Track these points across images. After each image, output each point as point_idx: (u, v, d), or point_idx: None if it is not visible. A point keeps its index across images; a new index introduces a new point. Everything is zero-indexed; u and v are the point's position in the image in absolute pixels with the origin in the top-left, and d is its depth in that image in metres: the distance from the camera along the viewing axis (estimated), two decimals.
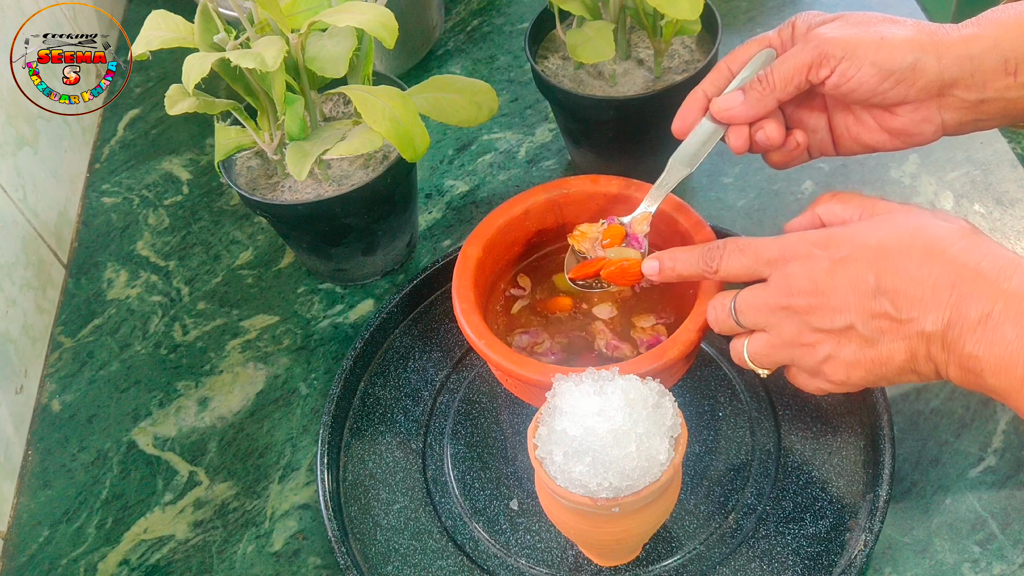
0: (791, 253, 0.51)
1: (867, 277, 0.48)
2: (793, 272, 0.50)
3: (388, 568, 0.61)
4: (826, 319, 0.50)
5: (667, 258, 0.57)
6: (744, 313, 0.53)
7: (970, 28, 0.54)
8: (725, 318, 0.54)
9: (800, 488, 0.61)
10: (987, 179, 0.77)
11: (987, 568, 0.57)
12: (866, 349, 0.49)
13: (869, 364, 0.50)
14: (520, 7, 1.01)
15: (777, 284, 0.51)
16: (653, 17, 0.70)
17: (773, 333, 0.52)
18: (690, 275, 0.57)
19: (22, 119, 0.83)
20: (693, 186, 0.80)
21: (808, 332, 0.51)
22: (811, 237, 0.51)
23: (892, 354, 0.49)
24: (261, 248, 0.83)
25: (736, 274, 0.54)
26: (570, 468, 0.48)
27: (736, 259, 0.54)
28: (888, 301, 0.48)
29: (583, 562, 0.60)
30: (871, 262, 0.48)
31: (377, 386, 0.70)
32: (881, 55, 0.54)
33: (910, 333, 0.47)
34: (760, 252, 0.53)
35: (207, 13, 0.63)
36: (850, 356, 0.50)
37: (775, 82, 0.56)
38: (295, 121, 0.66)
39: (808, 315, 0.50)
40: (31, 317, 0.78)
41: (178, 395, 0.74)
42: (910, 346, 0.48)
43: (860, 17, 0.56)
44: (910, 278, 0.47)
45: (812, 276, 0.50)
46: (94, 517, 0.68)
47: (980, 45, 0.53)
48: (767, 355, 0.53)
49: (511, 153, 0.87)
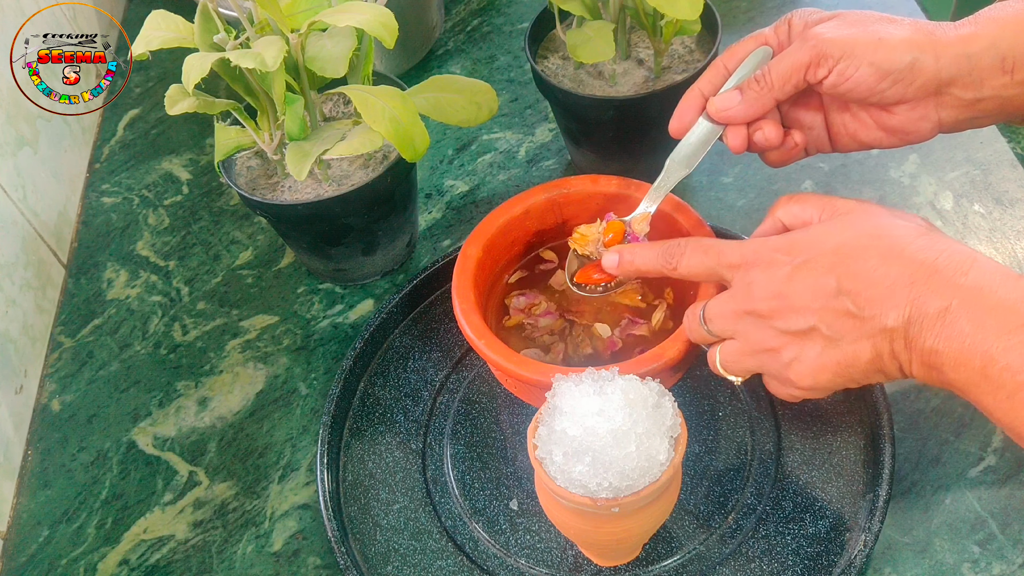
0: (753, 259, 0.52)
1: (828, 279, 0.49)
2: (755, 278, 0.51)
3: (388, 568, 0.61)
4: (789, 321, 0.50)
5: (627, 252, 0.58)
6: (712, 321, 0.54)
7: (967, 27, 0.54)
8: (696, 327, 0.55)
9: (800, 488, 0.61)
10: (987, 179, 0.77)
11: (987, 568, 0.57)
12: (830, 350, 0.50)
13: (835, 366, 0.50)
14: (520, 7, 1.01)
15: (740, 290, 0.52)
16: (653, 17, 0.70)
17: (740, 339, 0.53)
18: (648, 271, 0.57)
19: (22, 119, 0.83)
20: (693, 186, 0.80)
21: (772, 336, 0.51)
22: (772, 243, 0.51)
23: (857, 353, 0.49)
24: (261, 248, 0.84)
25: (695, 273, 0.54)
26: (570, 468, 0.48)
27: (697, 258, 0.54)
28: (850, 300, 0.48)
29: (583, 562, 0.60)
30: (831, 266, 0.49)
31: (377, 386, 0.70)
32: (879, 55, 0.54)
33: (873, 330, 0.48)
34: (723, 255, 0.53)
35: (207, 13, 0.63)
36: (815, 358, 0.50)
37: (772, 82, 0.57)
38: (295, 121, 0.66)
39: (771, 319, 0.51)
40: (31, 317, 0.78)
41: (178, 395, 0.74)
42: (874, 344, 0.48)
43: (857, 16, 0.56)
44: (870, 279, 0.48)
45: (773, 281, 0.50)
46: (94, 517, 0.68)
47: (978, 44, 0.53)
48: (736, 362, 0.54)
49: (511, 153, 0.87)
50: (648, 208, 0.61)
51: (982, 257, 0.47)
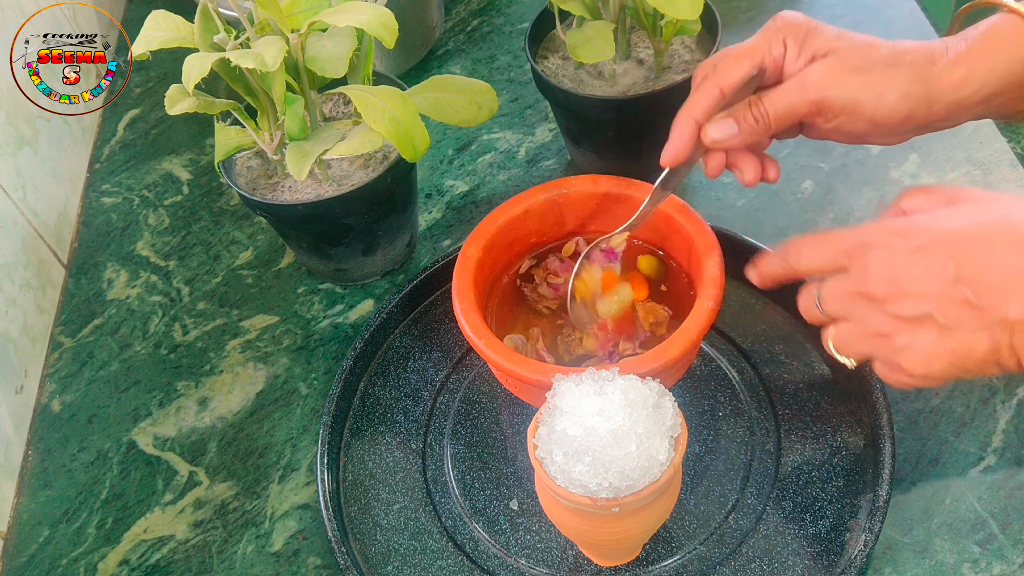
0: (869, 241, 0.50)
1: (947, 265, 0.47)
2: (871, 261, 0.49)
3: (388, 568, 0.61)
4: (903, 306, 0.48)
5: (751, 265, 0.58)
6: (826, 301, 0.52)
7: (959, 70, 0.54)
8: (811, 306, 0.54)
9: (800, 488, 0.61)
10: (987, 179, 0.77)
11: (987, 568, 0.57)
12: (945, 339, 0.48)
13: (949, 355, 0.48)
14: (520, 7, 1.01)
15: (856, 273, 0.50)
16: (653, 17, 0.70)
17: (854, 322, 0.52)
18: (776, 275, 0.56)
19: (22, 119, 0.83)
20: (693, 186, 0.80)
21: (886, 321, 0.49)
22: (889, 226, 0.50)
23: (973, 344, 0.47)
24: (261, 248, 0.84)
25: (815, 267, 0.53)
26: (570, 468, 0.48)
27: (814, 253, 0.53)
28: (969, 289, 0.46)
29: (583, 562, 0.60)
30: (951, 250, 0.47)
31: (377, 386, 0.70)
32: (879, 113, 0.55)
33: (992, 321, 0.46)
34: (838, 243, 0.52)
35: (207, 13, 0.63)
36: (928, 346, 0.48)
37: (771, 121, 0.57)
38: (295, 121, 0.66)
39: (886, 303, 0.49)
40: (31, 317, 0.78)
41: (178, 395, 0.74)
42: (992, 335, 0.46)
43: (855, 56, 0.55)
44: (993, 267, 0.46)
45: (890, 264, 0.49)
46: (94, 517, 0.68)
47: (968, 88, 0.54)
48: (849, 344, 0.53)
49: (511, 153, 0.87)
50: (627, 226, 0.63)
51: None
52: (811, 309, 0.54)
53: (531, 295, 0.67)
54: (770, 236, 0.75)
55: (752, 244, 0.69)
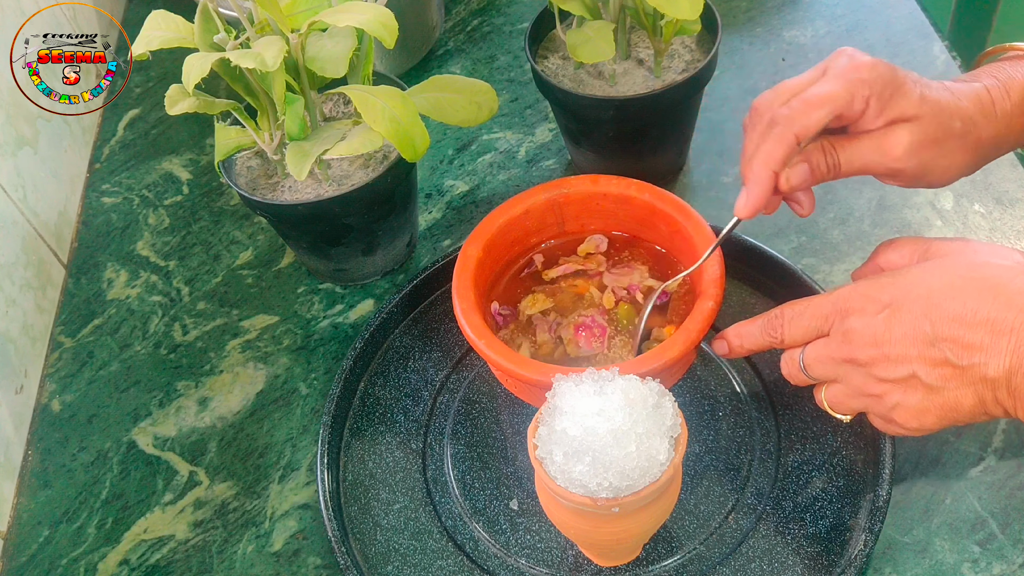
0: (846, 306, 0.51)
1: (923, 326, 0.48)
2: (851, 326, 0.51)
3: (388, 568, 0.61)
4: (888, 370, 0.50)
5: (733, 337, 0.58)
6: (812, 367, 0.54)
7: (1013, 137, 0.57)
8: (797, 373, 0.55)
9: (800, 488, 0.61)
10: (987, 179, 0.77)
11: (987, 568, 0.57)
12: (932, 396, 0.49)
13: (938, 410, 0.49)
14: (520, 7, 1.01)
15: (837, 338, 0.52)
16: (653, 17, 0.70)
17: (844, 383, 0.53)
18: (758, 347, 0.57)
19: (22, 119, 0.83)
20: (693, 186, 0.80)
21: (874, 383, 0.51)
22: (863, 288, 0.51)
23: (960, 400, 0.48)
24: (261, 248, 0.84)
25: (800, 338, 0.54)
26: (570, 468, 0.48)
27: (797, 324, 0.54)
28: (947, 348, 0.47)
29: (583, 562, 0.60)
30: (925, 310, 0.48)
31: (377, 386, 0.70)
32: (944, 179, 0.57)
33: (974, 379, 0.47)
34: (817, 311, 0.53)
35: (207, 13, 0.63)
36: (918, 404, 0.50)
37: (843, 172, 0.56)
38: (295, 121, 0.66)
39: (871, 367, 0.50)
40: (31, 317, 0.78)
41: (178, 395, 0.74)
42: (976, 391, 0.48)
43: (936, 130, 0.55)
44: (966, 324, 0.47)
45: (869, 328, 0.50)
46: (94, 517, 0.68)
47: (1008, 145, 0.57)
48: (843, 404, 0.54)
49: (511, 153, 0.87)
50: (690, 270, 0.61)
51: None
52: (798, 374, 0.55)
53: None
54: (770, 236, 0.75)
55: (752, 244, 0.69)
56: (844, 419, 0.56)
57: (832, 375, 0.53)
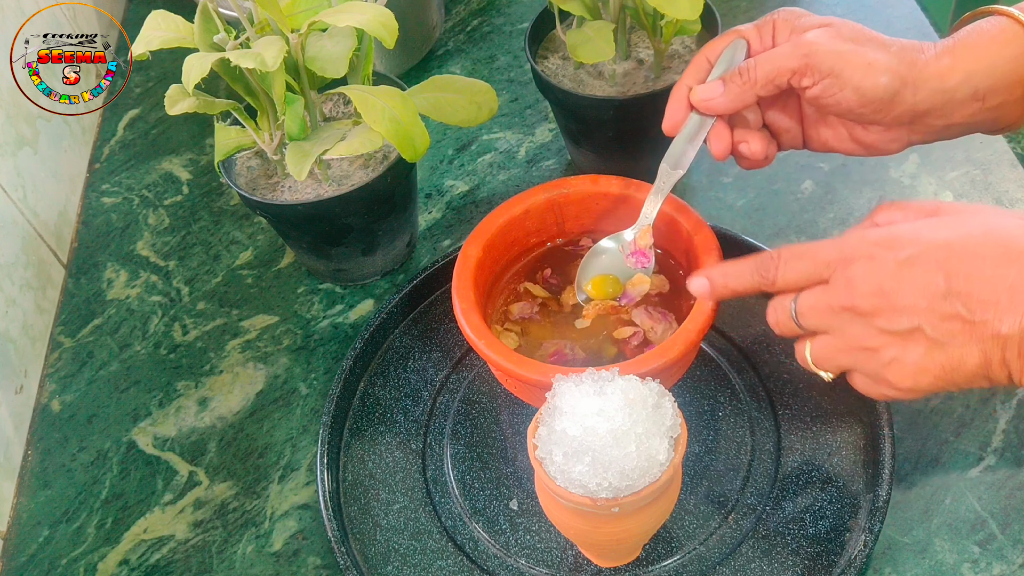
0: (852, 254, 0.49)
1: (936, 278, 0.46)
2: (856, 273, 0.48)
3: (388, 568, 0.61)
4: (892, 321, 0.47)
5: (718, 275, 0.56)
6: (805, 316, 0.51)
7: (946, 59, 0.54)
8: (786, 320, 0.52)
9: (800, 488, 0.61)
10: (987, 179, 0.77)
11: (987, 568, 0.57)
12: (935, 353, 0.47)
13: (938, 369, 0.47)
14: (520, 7, 1.01)
15: (839, 285, 0.49)
16: (653, 17, 0.70)
17: (836, 336, 0.51)
18: (745, 289, 0.55)
19: (22, 119, 0.83)
20: (693, 186, 0.80)
21: (873, 335, 0.49)
22: (872, 236, 0.49)
23: (964, 358, 0.47)
24: (261, 248, 0.84)
25: (796, 281, 0.52)
26: (570, 468, 0.48)
27: (794, 266, 0.52)
28: (960, 303, 0.46)
29: (583, 562, 0.60)
30: (941, 262, 0.46)
31: (377, 386, 0.70)
32: (865, 82, 0.54)
33: (984, 336, 0.46)
34: (819, 255, 0.51)
35: (207, 13, 0.63)
36: (917, 360, 0.48)
37: (756, 78, 0.56)
38: (295, 121, 0.66)
39: (873, 317, 0.48)
40: (31, 317, 0.78)
41: (178, 395, 0.74)
42: (984, 350, 0.46)
43: (849, 31, 0.55)
44: (984, 280, 0.45)
45: (877, 277, 0.48)
46: (94, 517, 0.68)
47: (954, 78, 0.54)
48: (830, 359, 0.52)
49: (511, 153, 0.87)
50: (648, 219, 0.61)
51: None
52: (787, 323, 0.53)
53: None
54: (770, 236, 0.75)
55: (752, 244, 0.69)
56: (827, 377, 0.53)
57: (825, 326, 0.51)
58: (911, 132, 0.57)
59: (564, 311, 0.65)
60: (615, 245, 0.63)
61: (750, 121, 0.60)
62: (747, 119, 0.60)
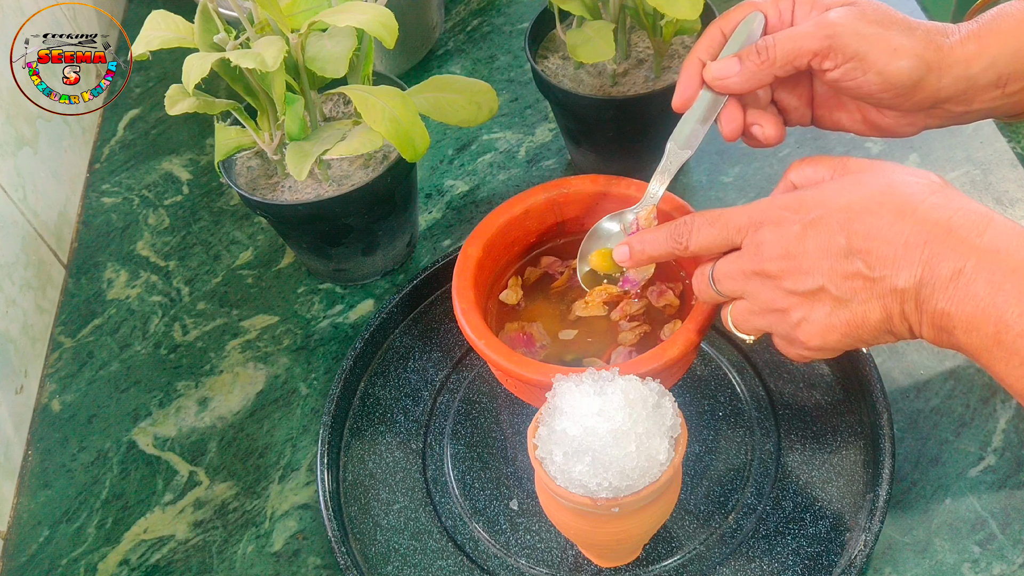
0: (761, 219, 0.51)
1: (838, 239, 0.48)
2: (764, 238, 0.50)
3: (388, 568, 0.61)
4: (797, 282, 0.49)
5: (636, 242, 0.57)
6: (720, 281, 0.53)
7: (972, 45, 0.53)
8: (705, 287, 0.54)
9: (800, 488, 0.61)
10: (987, 178, 0.77)
11: (987, 568, 0.57)
12: (839, 310, 0.49)
13: (844, 326, 0.49)
14: (520, 7, 1.01)
15: (749, 250, 0.51)
16: (653, 17, 0.70)
17: (750, 299, 0.52)
18: (660, 255, 0.56)
19: (22, 119, 0.83)
20: (693, 186, 0.80)
21: (782, 297, 0.50)
22: (780, 202, 0.51)
23: (867, 314, 0.48)
24: (261, 248, 0.84)
25: (708, 246, 0.53)
26: (570, 468, 0.48)
27: (706, 232, 0.53)
28: (860, 260, 0.47)
29: (583, 562, 0.60)
30: (842, 224, 0.48)
31: (377, 386, 0.70)
32: (890, 68, 0.53)
33: (883, 291, 0.47)
34: (730, 221, 0.52)
35: (207, 13, 0.63)
36: (823, 319, 0.49)
37: (775, 58, 0.55)
38: (295, 121, 0.66)
39: (780, 279, 0.50)
40: (31, 317, 0.78)
41: (178, 395, 0.74)
42: (884, 305, 0.47)
43: (874, 12, 0.54)
44: (881, 237, 0.47)
45: (783, 240, 0.49)
46: (94, 517, 0.68)
47: (979, 64, 0.53)
48: (746, 321, 0.53)
49: (511, 153, 0.87)
50: (654, 199, 0.60)
51: (999, 217, 0.46)
52: (706, 290, 0.54)
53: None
54: None
55: None
56: (748, 339, 0.55)
57: (740, 290, 0.52)
58: (928, 117, 0.57)
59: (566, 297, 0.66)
60: (617, 225, 0.62)
61: (760, 99, 0.59)
62: (758, 97, 0.59)
